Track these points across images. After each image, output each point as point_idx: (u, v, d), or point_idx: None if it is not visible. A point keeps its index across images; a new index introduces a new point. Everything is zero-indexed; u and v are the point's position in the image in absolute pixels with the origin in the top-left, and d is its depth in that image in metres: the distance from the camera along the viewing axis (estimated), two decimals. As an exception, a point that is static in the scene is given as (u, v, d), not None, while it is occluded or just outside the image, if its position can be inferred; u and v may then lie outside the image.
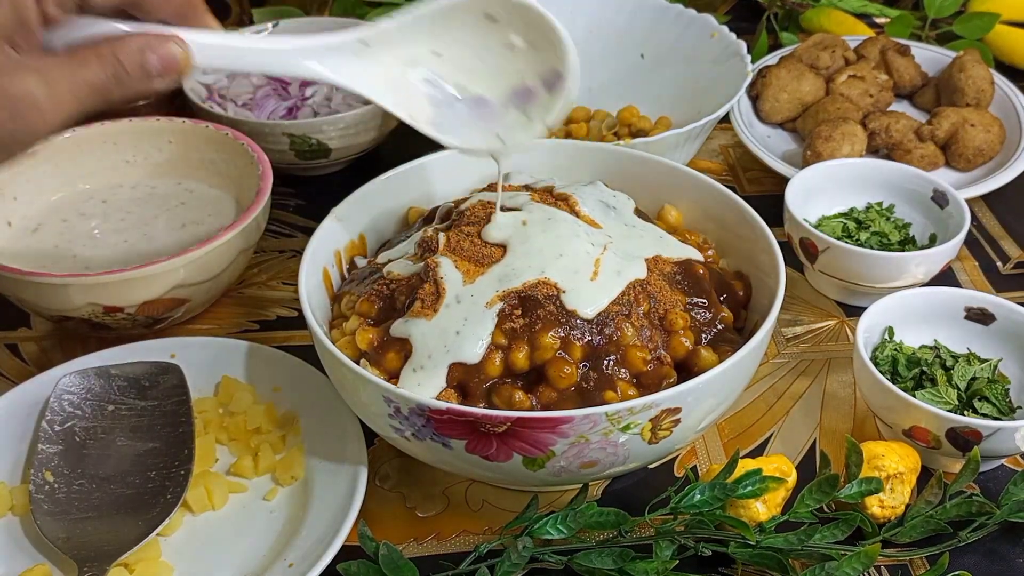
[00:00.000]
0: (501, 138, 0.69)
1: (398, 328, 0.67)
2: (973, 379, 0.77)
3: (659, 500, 0.69)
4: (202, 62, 0.62)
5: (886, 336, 0.81)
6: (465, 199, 0.76)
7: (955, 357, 0.79)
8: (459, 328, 0.66)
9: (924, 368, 0.78)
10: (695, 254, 0.74)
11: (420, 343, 0.66)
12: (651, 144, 0.88)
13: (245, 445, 0.76)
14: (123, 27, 0.60)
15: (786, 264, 0.72)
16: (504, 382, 0.66)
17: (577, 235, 0.70)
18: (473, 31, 0.67)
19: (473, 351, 0.65)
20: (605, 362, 0.66)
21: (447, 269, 0.68)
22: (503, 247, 0.70)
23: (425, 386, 0.65)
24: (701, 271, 0.72)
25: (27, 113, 0.56)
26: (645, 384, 0.67)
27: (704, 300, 0.71)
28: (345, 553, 0.66)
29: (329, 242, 0.76)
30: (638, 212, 0.78)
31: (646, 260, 0.70)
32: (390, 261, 0.74)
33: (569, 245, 0.69)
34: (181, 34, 0.60)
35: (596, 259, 0.69)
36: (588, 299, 0.66)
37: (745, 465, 0.69)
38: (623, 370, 0.66)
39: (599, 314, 0.66)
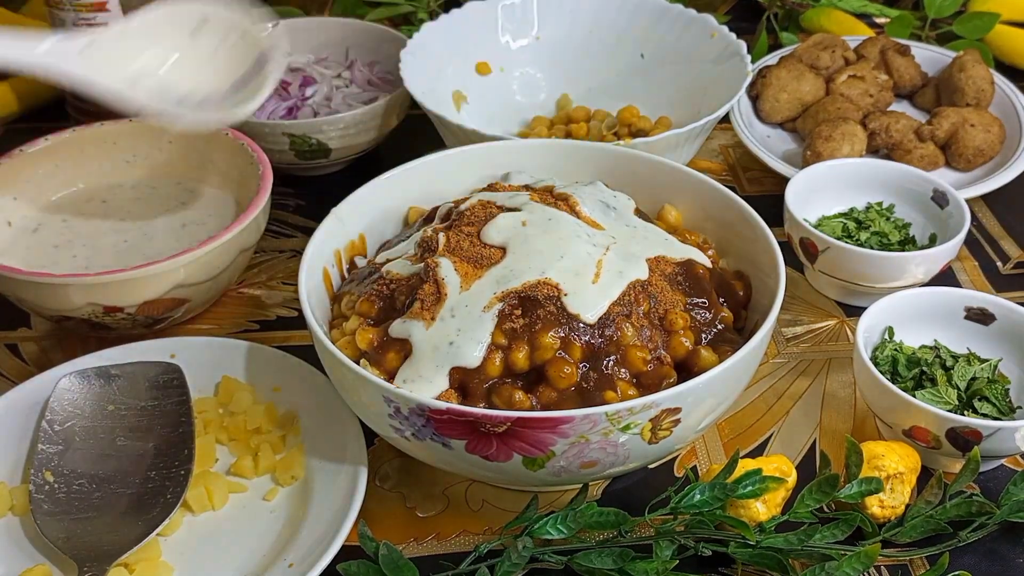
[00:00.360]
0: (227, 112, 0.79)
1: (397, 328, 0.67)
2: (973, 379, 0.77)
3: (659, 500, 0.69)
4: None
5: (886, 336, 0.81)
6: (465, 199, 0.76)
7: (955, 357, 0.79)
8: (459, 331, 0.66)
9: (924, 368, 0.78)
10: (696, 254, 0.74)
11: (420, 346, 0.66)
12: (651, 144, 0.88)
13: (245, 445, 0.76)
14: None
15: (786, 264, 0.72)
16: (504, 382, 0.66)
17: (578, 236, 0.70)
18: (191, 36, 0.80)
19: (472, 355, 0.65)
20: (605, 362, 0.66)
21: (447, 270, 0.68)
22: (503, 248, 0.70)
23: (425, 386, 0.65)
24: (701, 271, 0.72)
25: None
26: (645, 384, 0.67)
27: (704, 300, 0.71)
28: (345, 553, 0.66)
29: (329, 242, 0.76)
30: (638, 212, 0.78)
31: (647, 260, 0.70)
32: (389, 261, 0.74)
33: (570, 246, 0.69)
34: None
35: (598, 260, 0.69)
36: (590, 303, 0.66)
37: (745, 465, 0.69)
38: (623, 370, 0.66)
39: (601, 317, 0.66)
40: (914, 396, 0.74)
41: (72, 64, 0.73)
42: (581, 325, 0.66)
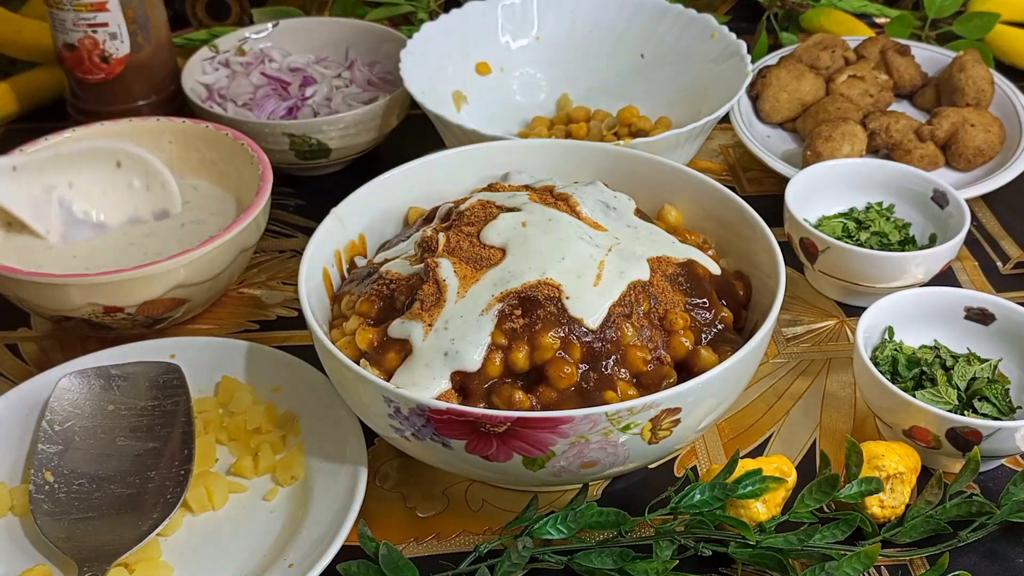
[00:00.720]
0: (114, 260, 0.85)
1: (396, 328, 0.67)
2: (973, 379, 0.77)
3: (659, 500, 0.69)
4: None
5: (886, 336, 0.81)
6: (465, 199, 0.76)
7: (955, 357, 0.79)
8: (458, 332, 0.66)
9: (924, 368, 0.78)
10: (696, 254, 0.74)
11: (419, 347, 0.66)
12: (651, 144, 0.88)
13: (245, 445, 0.76)
14: None
15: (786, 264, 0.72)
16: (504, 382, 0.66)
17: (580, 237, 0.70)
18: (103, 172, 0.90)
19: (472, 357, 0.65)
20: (605, 362, 0.66)
21: (447, 270, 0.68)
22: (503, 249, 0.70)
23: (425, 387, 0.65)
24: (701, 272, 0.72)
25: None
26: (645, 384, 0.67)
27: (705, 300, 0.71)
28: (345, 553, 0.66)
29: (329, 242, 0.76)
30: (639, 212, 0.78)
31: (648, 260, 0.70)
32: (387, 261, 0.74)
33: (571, 247, 0.69)
34: None
35: (600, 262, 0.69)
36: (592, 307, 0.66)
37: (745, 465, 0.69)
38: (623, 370, 0.66)
39: (602, 320, 0.66)
40: (914, 396, 0.74)
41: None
42: (582, 327, 0.66)
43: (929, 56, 1.17)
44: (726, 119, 1.05)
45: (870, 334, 0.79)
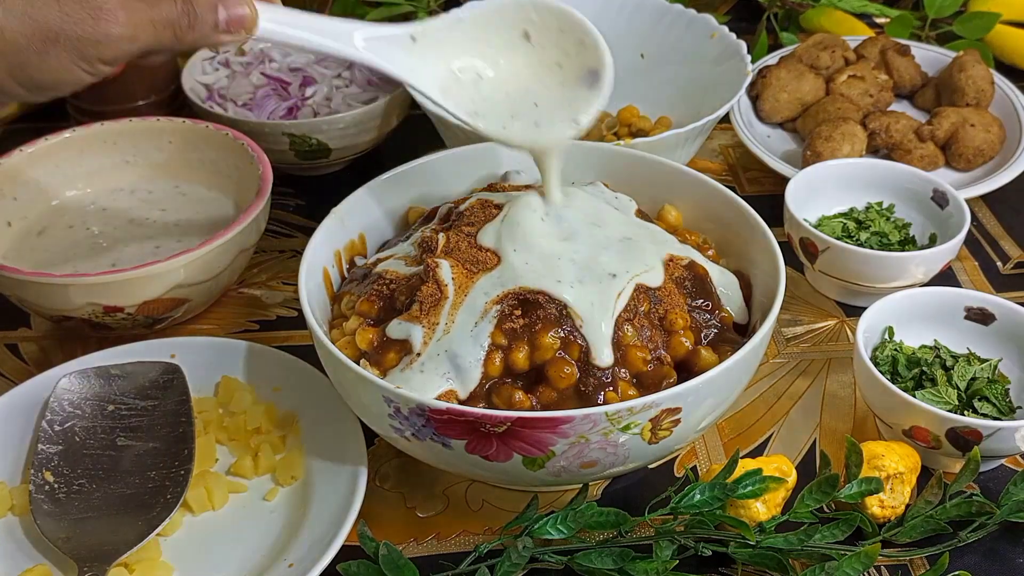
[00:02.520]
0: (541, 131, 0.71)
1: (395, 329, 0.67)
2: (973, 379, 0.77)
3: (659, 500, 0.69)
4: (265, 29, 0.65)
5: (886, 336, 0.81)
6: (465, 199, 0.76)
7: (955, 357, 0.79)
8: (457, 333, 0.66)
9: (924, 368, 0.78)
10: (696, 256, 0.74)
11: (419, 349, 0.66)
12: (651, 144, 0.88)
13: (245, 445, 0.76)
14: None
15: (786, 264, 0.72)
16: (504, 382, 0.66)
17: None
18: (513, 48, 0.72)
19: (471, 358, 0.65)
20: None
21: (446, 271, 0.68)
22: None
23: (425, 386, 0.65)
24: (703, 273, 0.72)
25: (107, 22, 0.60)
26: (645, 384, 0.67)
27: (708, 303, 0.71)
28: (345, 553, 0.66)
29: (329, 242, 0.76)
30: (640, 213, 0.78)
31: (663, 261, 0.70)
32: (380, 262, 0.74)
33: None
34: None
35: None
36: (602, 338, 0.66)
37: (745, 465, 0.69)
38: (623, 370, 0.66)
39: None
40: (914, 396, 0.74)
41: (394, 59, 0.70)
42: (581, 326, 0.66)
43: (929, 56, 1.17)
44: (726, 119, 1.05)
45: (870, 334, 0.79)
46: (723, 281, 0.74)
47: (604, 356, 0.65)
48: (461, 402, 0.65)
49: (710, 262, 0.75)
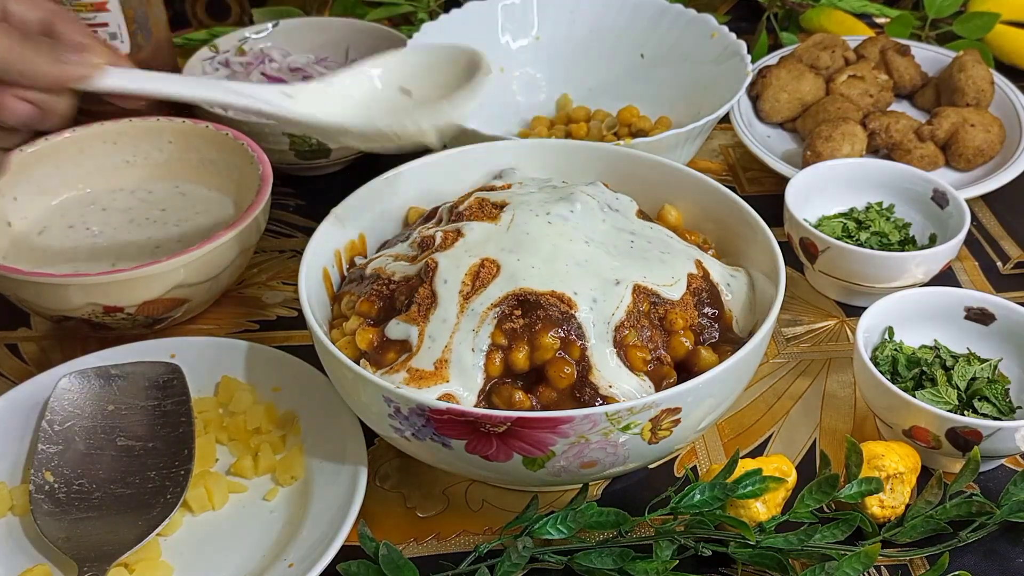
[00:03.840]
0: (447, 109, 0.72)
1: (393, 329, 0.67)
2: (973, 379, 0.77)
3: (659, 500, 0.69)
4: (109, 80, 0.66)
5: (886, 336, 0.81)
6: (465, 199, 0.76)
7: (955, 357, 0.79)
8: (456, 334, 0.66)
9: (924, 368, 0.78)
10: (699, 255, 0.74)
11: (418, 349, 0.66)
12: (651, 144, 0.88)
13: (245, 445, 0.76)
14: None
15: (786, 264, 0.72)
16: (504, 382, 0.66)
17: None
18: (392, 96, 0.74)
19: (471, 359, 0.65)
20: (605, 362, 0.66)
21: (445, 271, 0.68)
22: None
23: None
24: (716, 284, 0.72)
25: None
26: (645, 384, 0.67)
27: (716, 311, 0.71)
28: (345, 553, 0.66)
29: (329, 242, 0.76)
30: (640, 214, 0.78)
31: (688, 275, 0.71)
32: (370, 261, 0.74)
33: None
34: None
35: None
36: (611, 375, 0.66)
37: (745, 465, 0.69)
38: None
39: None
40: (914, 396, 0.74)
41: (320, 109, 0.71)
42: (582, 325, 0.66)
43: (929, 56, 1.17)
44: (726, 119, 1.05)
45: (870, 334, 0.79)
46: (731, 283, 0.74)
47: (605, 374, 0.65)
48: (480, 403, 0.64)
49: (720, 263, 0.75)
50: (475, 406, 0.64)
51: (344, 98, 0.72)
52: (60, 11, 0.66)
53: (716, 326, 0.71)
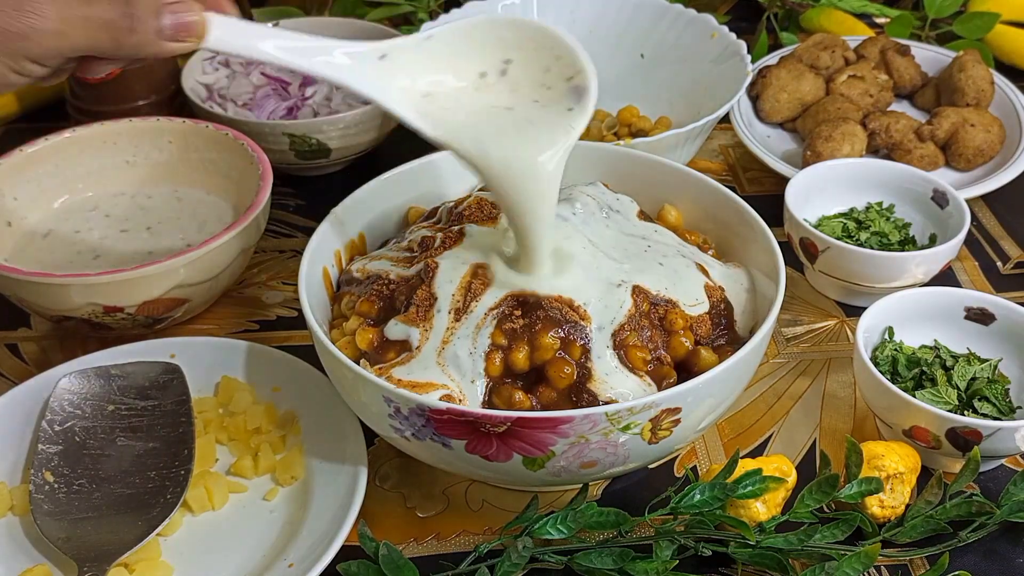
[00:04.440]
0: (522, 151, 0.65)
1: (392, 329, 0.67)
2: (973, 379, 0.77)
3: (659, 500, 0.69)
4: (216, 39, 0.61)
5: (886, 336, 0.81)
6: (465, 199, 0.76)
7: (955, 357, 0.79)
8: (455, 334, 0.66)
9: (924, 368, 0.78)
10: (699, 255, 0.74)
11: (417, 349, 0.66)
12: (651, 144, 0.88)
13: (245, 445, 0.76)
14: None
15: (786, 264, 0.72)
16: (504, 382, 0.66)
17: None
18: (488, 68, 0.67)
19: (470, 359, 0.65)
20: (605, 362, 0.66)
21: (445, 272, 0.68)
22: None
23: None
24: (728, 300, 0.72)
25: (32, 16, 0.55)
26: (645, 384, 0.67)
27: (724, 322, 0.71)
28: (345, 553, 0.66)
29: (329, 242, 0.76)
30: (641, 215, 0.78)
31: (705, 287, 0.71)
32: (352, 264, 0.75)
33: None
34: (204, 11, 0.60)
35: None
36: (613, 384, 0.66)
37: (745, 465, 0.69)
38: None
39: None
40: (914, 396, 0.74)
41: (362, 77, 0.64)
42: (582, 325, 0.66)
43: (929, 56, 1.17)
44: (726, 119, 1.05)
45: (870, 334, 0.79)
46: (731, 284, 0.74)
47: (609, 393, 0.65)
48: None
49: (720, 263, 0.75)
50: (476, 406, 0.64)
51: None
52: None
53: (725, 335, 0.71)
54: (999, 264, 0.98)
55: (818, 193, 0.94)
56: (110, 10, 0.57)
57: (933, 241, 0.92)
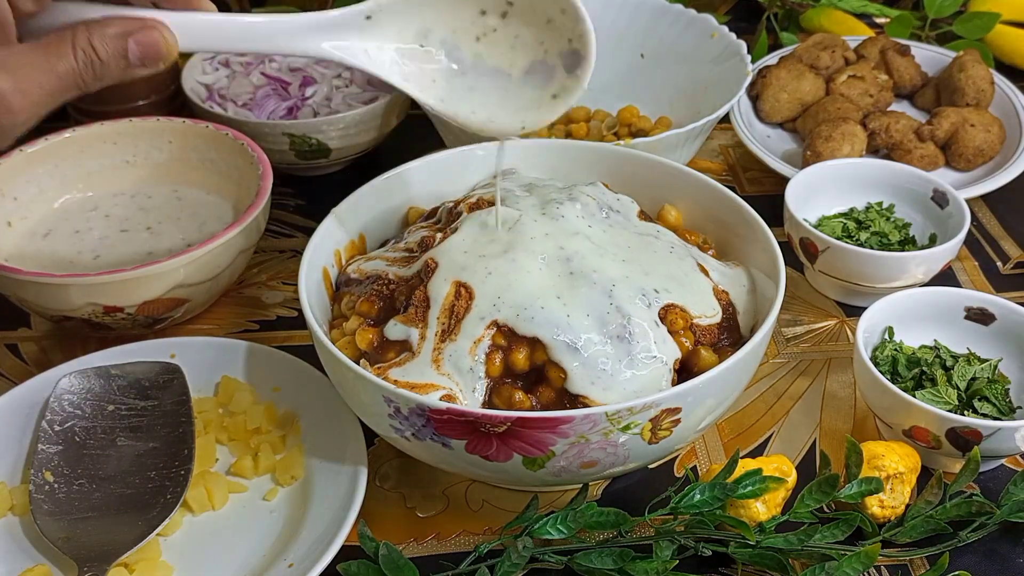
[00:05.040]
0: (518, 117, 0.66)
1: (391, 330, 0.67)
2: (973, 379, 0.77)
3: (659, 500, 0.69)
4: (190, 46, 0.60)
5: (886, 336, 0.81)
6: (464, 199, 0.76)
7: (955, 357, 0.79)
8: (455, 334, 0.66)
9: (924, 368, 0.78)
10: (700, 256, 0.74)
11: (417, 350, 0.66)
12: (651, 144, 0.88)
13: (245, 445, 0.76)
14: (101, 11, 0.57)
15: (786, 264, 0.72)
16: (504, 382, 0.66)
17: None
18: (485, 19, 0.64)
19: (470, 360, 0.65)
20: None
21: (445, 272, 0.68)
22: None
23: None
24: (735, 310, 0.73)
25: (2, 116, 0.54)
26: (645, 384, 0.67)
27: (733, 326, 0.71)
28: (345, 553, 0.66)
29: (329, 242, 0.76)
30: (642, 215, 0.78)
31: (714, 290, 0.71)
32: (348, 264, 0.75)
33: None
34: (166, 18, 0.59)
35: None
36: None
37: (745, 465, 0.69)
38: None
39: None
40: (914, 396, 0.74)
41: (347, 47, 0.62)
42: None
43: (929, 56, 1.17)
44: (726, 119, 1.05)
45: (870, 334, 0.79)
46: (731, 284, 0.74)
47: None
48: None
49: (720, 263, 0.75)
50: (476, 406, 0.64)
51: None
52: None
53: (728, 338, 0.71)
54: (999, 264, 0.98)
55: (818, 193, 0.94)
56: (71, 63, 0.56)
57: (933, 241, 0.92)
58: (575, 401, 0.64)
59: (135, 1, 0.59)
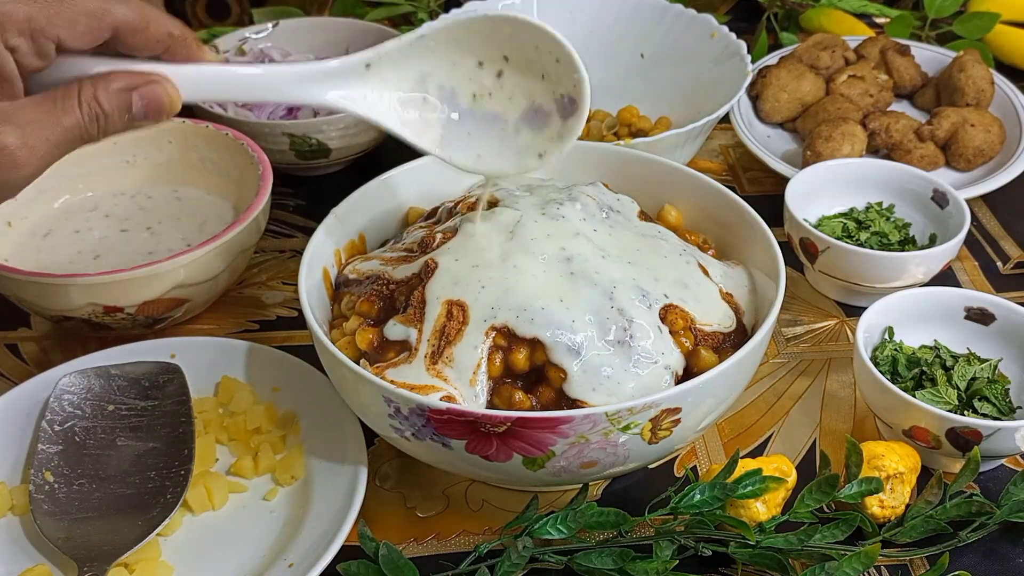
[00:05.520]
0: (512, 161, 0.67)
1: (391, 330, 0.67)
2: (973, 379, 0.77)
3: (659, 500, 0.69)
4: (193, 97, 0.61)
5: (886, 336, 0.81)
6: (463, 199, 0.76)
7: (955, 357, 0.79)
8: (454, 334, 0.66)
9: (924, 368, 0.78)
10: (700, 256, 0.74)
11: (417, 349, 0.66)
12: (651, 144, 0.88)
13: (245, 445, 0.76)
14: (106, 66, 0.58)
15: (786, 264, 0.72)
16: (504, 382, 0.66)
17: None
18: (483, 68, 0.66)
19: (470, 360, 0.65)
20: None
21: (445, 272, 0.68)
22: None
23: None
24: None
25: (7, 170, 0.55)
26: (645, 384, 0.67)
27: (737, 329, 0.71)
28: (345, 553, 0.66)
29: (329, 242, 0.76)
30: (642, 215, 0.78)
31: (720, 293, 0.71)
32: (346, 265, 0.75)
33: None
34: (169, 71, 0.60)
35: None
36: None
37: (745, 465, 0.69)
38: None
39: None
40: (914, 396, 0.74)
41: (347, 96, 0.64)
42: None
43: (929, 56, 1.17)
44: (726, 119, 1.05)
45: (870, 334, 0.79)
46: (731, 284, 0.74)
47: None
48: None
49: (720, 263, 0.75)
50: (476, 406, 0.64)
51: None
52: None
53: (732, 342, 0.71)
54: (999, 264, 0.98)
55: (818, 193, 0.94)
56: (76, 118, 0.56)
57: (933, 241, 0.92)
58: (574, 403, 0.64)
59: (139, 55, 0.60)
